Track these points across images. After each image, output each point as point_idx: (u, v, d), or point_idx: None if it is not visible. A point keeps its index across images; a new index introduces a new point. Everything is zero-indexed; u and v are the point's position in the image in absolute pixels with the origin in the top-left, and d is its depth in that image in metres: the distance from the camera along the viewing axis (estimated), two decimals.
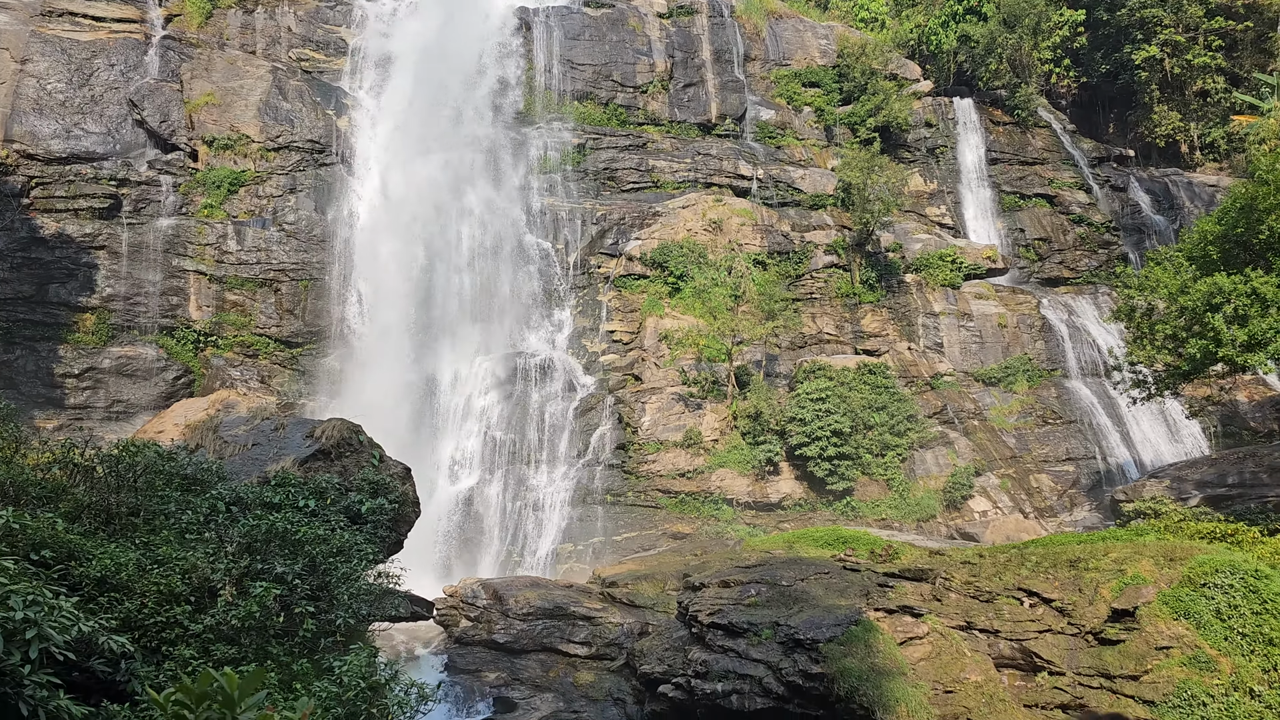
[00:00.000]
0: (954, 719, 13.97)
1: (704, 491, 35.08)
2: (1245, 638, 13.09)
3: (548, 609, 22.03)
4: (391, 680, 8.55)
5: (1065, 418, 37.70)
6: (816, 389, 35.14)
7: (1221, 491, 28.69)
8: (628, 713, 19.37)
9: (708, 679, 16.08)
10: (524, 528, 34.06)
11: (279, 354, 36.12)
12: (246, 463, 16.45)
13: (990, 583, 16.38)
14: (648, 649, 19.32)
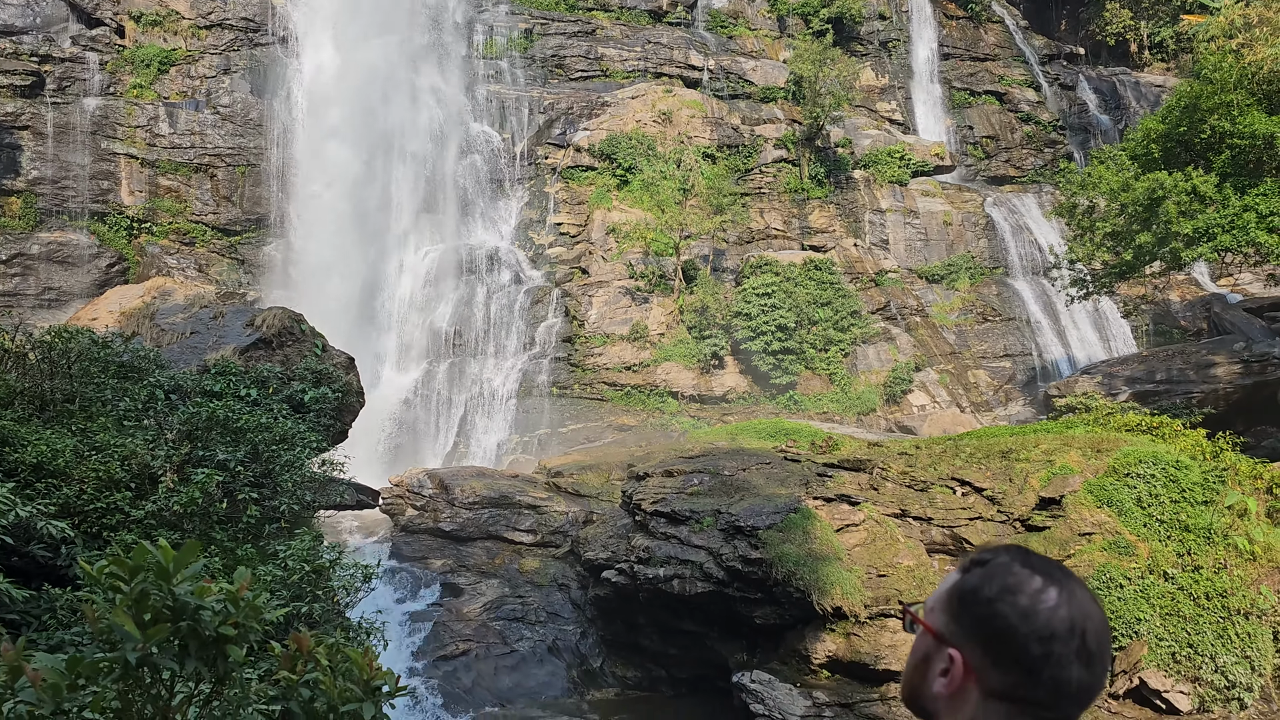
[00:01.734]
0: (886, 601, 14.52)
1: (649, 385, 35.40)
2: (1163, 524, 13.69)
3: (494, 498, 22.29)
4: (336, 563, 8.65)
5: (1004, 315, 38.38)
6: (763, 284, 35.31)
7: (1150, 387, 29.64)
8: (572, 598, 19.84)
9: (650, 565, 16.48)
10: (470, 419, 34.20)
11: (217, 242, 35.29)
12: (185, 351, 16.21)
13: (925, 473, 16.87)
14: (592, 536, 19.70)
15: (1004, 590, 1.75)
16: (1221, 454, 15.10)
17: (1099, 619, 1.73)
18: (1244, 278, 36.87)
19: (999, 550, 1.82)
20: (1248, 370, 28.83)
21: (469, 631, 18.64)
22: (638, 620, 17.80)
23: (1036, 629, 1.71)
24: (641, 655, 18.19)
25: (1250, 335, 31.20)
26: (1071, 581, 1.76)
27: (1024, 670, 1.71)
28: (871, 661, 14.23)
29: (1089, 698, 1.72)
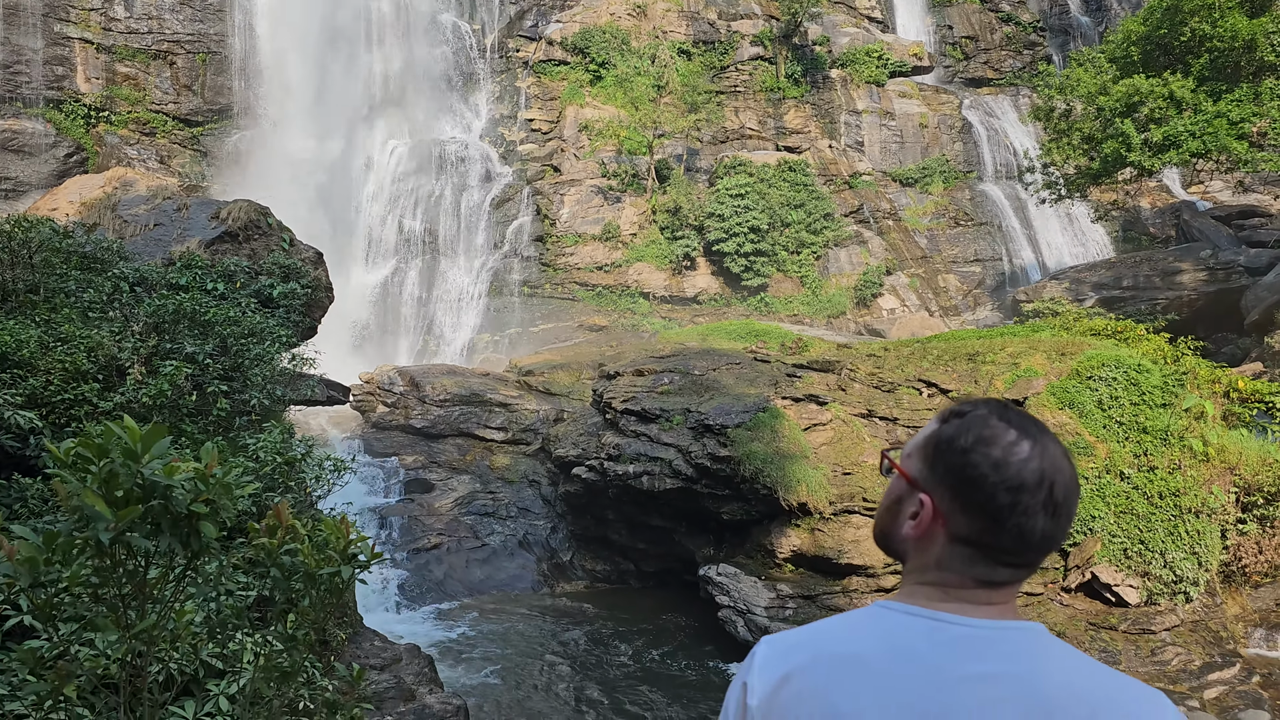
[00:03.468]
0: (850, 498, 14.84)
1: (621, 285, 35.31)
2: (1122, 426, 13.99)
3: (464, 396, 22.36)
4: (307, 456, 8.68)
5: (977, 220, 38.40)
6: (736, 185, 35.02)
7: (1116, 293, 29.94)
8: (542, 494, 20.12)
9: (620, 461, 16.70)
10: (440, 317, 34.07)
11: (178, 133, 34.38)
12: (149, 243, 15.91)
13: (893, 374, 17.07)
14: (563, 434, 19.88)
15: (979, 440, 1.79)
16: (1182, 359, 15.37)
17: (1068, 474, 1.79)
18: (1214, 185, 36.98)
19: (978, 403, 1.87)
20: (1212, 278, 29.15)
21: (440, 526, 18.90)
22: (607, 516, 18.12)
23: (1007, 479, 1.75)
24: (610, 549, 18.57)
25: (1217, 243, 31.45)
26: (1045, 437, 1.80)
27: (990, 517, 1.77)
28: (835, 556, 14.60)
29: (1051, 547, 1.78)
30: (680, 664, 14.67)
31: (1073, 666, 1.75)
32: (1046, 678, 1.71)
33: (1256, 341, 23.11)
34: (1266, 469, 13.25)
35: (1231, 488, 13.30)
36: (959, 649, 1.75)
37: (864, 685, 1.75)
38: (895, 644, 1.78)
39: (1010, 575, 1.81)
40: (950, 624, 1.78)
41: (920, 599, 1.84)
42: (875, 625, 1.83)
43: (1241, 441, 13.81)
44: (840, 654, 1.81)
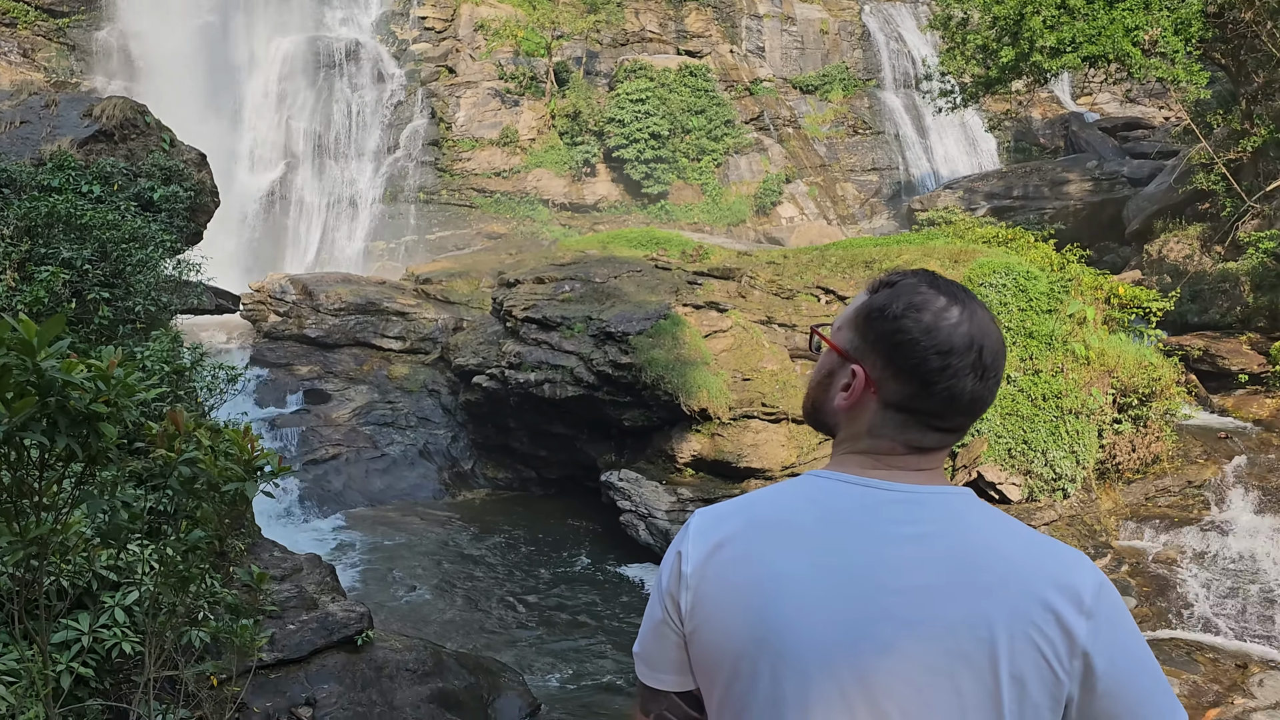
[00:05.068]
0: (749, 403, 15.10)
1: (520, 191, 34.72)
2: (1010, 331, 14.47)
3: (360, 304, 21.85)
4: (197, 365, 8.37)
5: (875, 129, 38.70)
6: (637, 90, 34.50)
7: (1007, 203, 30.74)
8: (443, 403, 19.95)
9: (521, 370, 16.62)
10: (333, 224, 33.05)
11: (42, 24, 32.05)
12: (15, 142, 14.89)
13: (792, 281, 17.27)
14: (462, 343, 19.67)
15: (910, 307, 1.82)
16: (1068, 266, 15.91)
17: (996, 337, 1.83)
18: (1102, 97, 37.95)
19: (907, 273, 1.89)
20: (1097, 188, 30.12)
21: (338, 436, 18.62)
22: (508, 424, 18.09)
23: (937, 343, 1.79)
24: (512, 457, 18.61)
25: (1102, 154, 32.43)
26: (974, 303, 1.84)
27: (921, 381, 1.80)
28: (734, 460, 14.90)
29: (979, 409, 1.84)
30: (583, 567, 14.91)
31: (997, 528, 1.79)
32: (972, 538, 1.75)
33: (1136, 250, 24.07)
34: (1142, 371, 13.92)
35: (1109, 389, 13.95)
36: (889, 512, 1.78)
37: (797, 548, 1.77)
38: (828, 508, 1.81)
39: (939, 440, 1.85)
40: (881, 489, 1.81)
41: (852, 467, 1.87)
42: (808, 492, 1.86)
43: (1120, 345, 14.45)
44: (773, 519, 1.84)
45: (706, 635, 1.81)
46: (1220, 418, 15.42)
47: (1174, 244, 21.90)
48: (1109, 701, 1.71)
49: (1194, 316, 19.16)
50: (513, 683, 9.93)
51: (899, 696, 1.68)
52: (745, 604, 1.77)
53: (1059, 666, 1.68)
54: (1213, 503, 12.84)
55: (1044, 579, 1.71)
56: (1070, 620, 1.68)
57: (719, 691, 1.82)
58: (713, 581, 1.82)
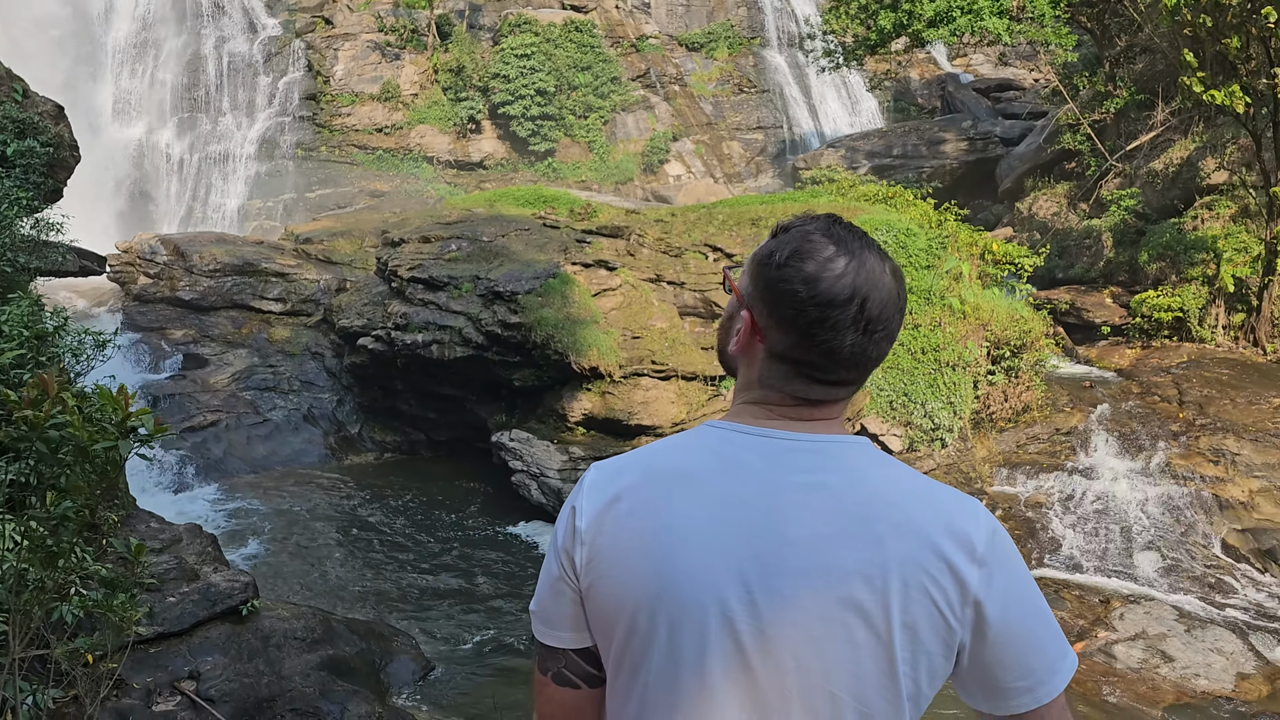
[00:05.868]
0: (639, 361, 15.17)
1: (403, 148, 33.90)
2: None
3: (237, 265, 21.08)
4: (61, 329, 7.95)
5: (759, 87, 38.97)
6: (521, 45, 33.94)
7: (887, 161, 31.44)
8: (327, 366, 19.46)
9: (408, 330, 16.32)
10: (206, 182, 31.72)
11: None
12: None
13: (680, 239, 17.35)
14: (346, 304, 19.19)
15: (794, 254, 1.78)
16: (945, 223, 16.37)
17: (886, 291, 1.77)
18: (976, 59, 39.00)
19: (809, 218, 1.86)
20: (972, 147, 31.05)
21: (217, 402, 18.00)
22: (396, 386, 17.78)
23: (816, 294, 1.74)
24: (400, 420, 18.31)
25: (977, 114, 33.39)
26: (868, 253, 1.79)
27: (800, 333, 1.77)
28: (625, 418, 14.97)
29: (864, 364, 1.80)
30: (475, 528, 14.83)
31: (893, 477, 1.78)
32: (867, 487, 1.75)
33: (1008, 208, 24.94)
34: (1014, 324, 14.49)
35: (984, 342, 14.48)
36: (786, 461, 1.77)
37: (694, 498, 1.76)
38: (724, 459, 1.79)
39: (825, 393, 1.82)
40: (777, 438, 1.79)
41: (747, 417, 1.84)
42: (705, 442, 1.84)
43: (993, 300, 14.99)
44: (670, 471, 1.81)
45: (603, 590, 1.79)
46: (1085, 367, 16.20)
47: (1043, 202, 22.77)
48: (1000, 648, 1.72)
49: (1061, 271, 20.01)
50: (405, 646, 9.85)
51: (795, 646, 1.68)
52: (641, 557, 1.75)
53: (951, 614, 1.69)
54: (1078, 448, 13.50)
55: (937, 527, 1.71)
56: (962, 568, 1.69)
57: (616, 646, 1.81)
58: (608, 536, 1.79)
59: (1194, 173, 19.02)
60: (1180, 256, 17.45)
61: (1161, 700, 8.93)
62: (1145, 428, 13.53)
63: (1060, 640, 1.79)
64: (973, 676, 1.76)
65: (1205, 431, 13.26)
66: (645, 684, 1.77)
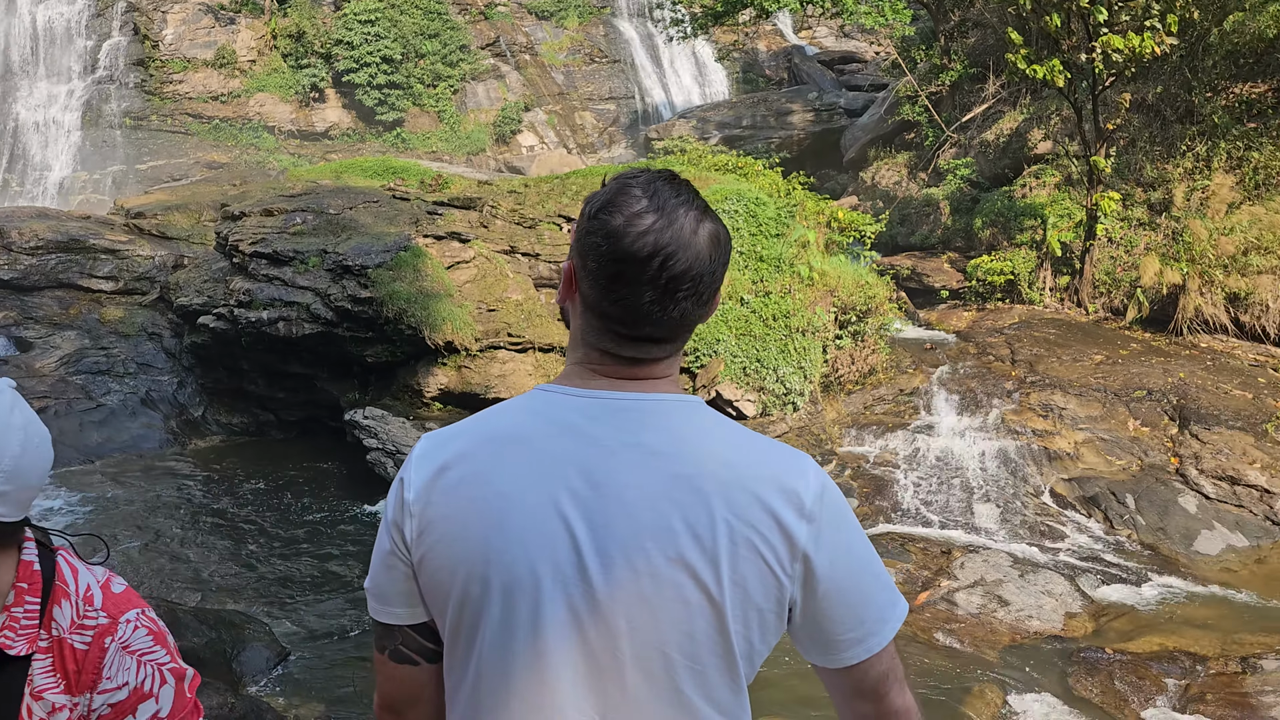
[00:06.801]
0: (495, 334, 15.03)
1: (242, 118, 32.47)
2: (742, 255, 15.15)
3: (62, 242, 19.79)
4: None
5: (611, 57, 38.93)
6: (365, 10, 32.88)
7: (737, 132, 31.93)
8: (165, 347, 18.55)
9: (252, 308, 15.70)
10: (24, 154, 29.65)
11: None
12: None
13: (534, 210, 17.23)
14: (185, 281, 18.32)
15: (605, 207, 1.75)
16: (793, 192, 16.77)
17: (696, 251, 1.73)
18: (820, 31, 39.92)
19: (640, 171, 1.84)
20: (818, 118, 31.83)
21: (44, 388, 16.93)
22: (241, 366, 17.10)
23: (616, 248, 1.72)
24: (247, 401, 17.64)
25: (822, 86, 34.24)
26: (683, 210, 1.74)
27: (601, 288, 1.76)
28: (482, 391, 14.84)
29: (671, 323, 1.77)
30: (331, 509, 14.46)
31: (722, 435, 1.78)
32: (696, 445, 1.74)
33: (853, 177, 25.73)
34: (859, 290, 15.00)
35: (831, 308, 14.94)
36: (614, 421, 1.75)
37: (524, 462, 1.73)
38: (553, 421, 1.77)
39: (638, 350, 1.79)
40: (605, 399, 1.77)
41: (574, 379, 1.83)
42: (533, 405, 1.82)
43: (840, 266, 15.47)
44: (498, 436, 1.79)
45: (434, 562, 1.76)
46: (926, 330, 16.93)
47: (885, 171, 23.58)
48: (830, 602, 1.74)
49: (903, 238, 20.82)
50: (259, 634, 9.56)
51: (627, 608, 1.67)
52: (472, 526, 1.72)
53: (780, 570, 1.70)
54: (921, 408, 14.12)
55: (766, 484, 1.71)
56: (791, 524, 1.70)
57: (451, 618, 1.78)
58: (438, 506, 1.75)
59: (1022, 143, 20.04)
60: (1011, 223, 18.40)
61: (999, 642, 9.48)
62: (982, 386, 14.25)
63: (889, 591, 1.83)
64: (805, 631, 1.79)
65: (1035, 388, 14.07)
66: (479, 654, 1.75)
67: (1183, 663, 8.97)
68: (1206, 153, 16.62)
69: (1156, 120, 17.67)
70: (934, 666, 9.14)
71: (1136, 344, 15.45)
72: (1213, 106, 16.73)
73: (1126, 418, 13.51)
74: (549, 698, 1.70)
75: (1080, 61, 15.96)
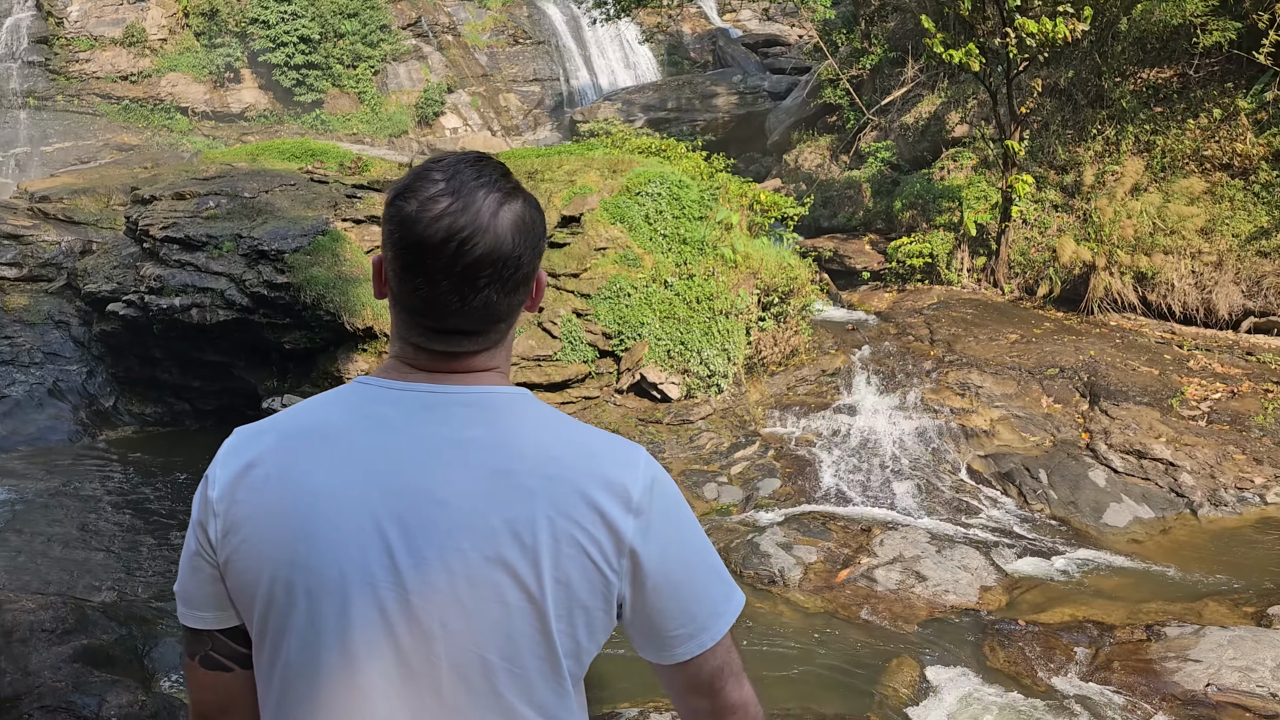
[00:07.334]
0: None
1: (153, 98, 31.49)
2: (665, 238, 15.16)
3: None
4: None
5: (535, 38, 38.57)
6: None
7: (663, 115, 31.90)
8: (73, 335, 17.95)
9: (164, 294, 15.25)
10: None
11: None
12: None
13: None
14: (93, 267, 17.76)
15: (402, 191, 1.68)
16: (716, 175, 16.82)
17: (495, 238, 1.64)
18: (744, 14, 40.03)
19: (450, 154, 1.76)
20: (743, 101, 31.96)
21: None
22: (154, 354, 16.63)
23: (409, 234, 1.64)
24: (161, 390, 17.17)
25: (746, 69, 34.37)
26: (483, 193, 1.66)
27: (398, 277, 1.70)
28: None
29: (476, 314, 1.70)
30: None
31: (549, 428, 1.71)
32: (520, 439, 1.67)
33: (777, 160, 25.90)
34: (782, 272, 15.11)
35: (754, 290, 15.03)
36: (432, 416, 1.68)
37: (333, 459, 1.66)
38: (369, 416, 1.69)
39: (449, 344, 1.72)
40: (425, 392, 1.70)
41: (392, 372, 1.76)
42: (349, 400, 1.75)
43: (763, 249, 15.56)
44: (308, 430, 1.71)
45: (240, 563, 1.68)
46: (848, 311, 17.15)
47: (808, 154, 23.78)
48: (660, 597, 1.69)
49: (825, 220, 21.04)
50: (173, 628, 9.32)
51: (441, 611, 1.61)
52: (279, 525, 1.65)
53: (606, 566, 1.65)
54: (843, 388, 14.31)
55: (591, 478, 1.65)
56: (617, 519, 1.64)
57: (257, 622, 1.70)
58: (244, 505, 1.68)
59: (940, 126, 20.36)
60: (930, 205, 18.70)
61: (916, 617, 9.67)
62: (901, 366, 14.49)
63: (724, 584, 1.78)
64: (636, 627, 1.74)
65: (953, 367, 14.35)
66: (286, 660, 1.67)
67: (1091, 632, 9.24)
68: (1116, 136, 17.07)
69: (1068, 104, 18.10)
70: (854, 642, 9.30)
71: (1050, 323, 15.85)
72: (1121, 91, 17.18)
73: (1040, 395, 13.85)
74: (359, 705, 1.62)
75: (995, 46, 16.25)
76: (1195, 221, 15.54)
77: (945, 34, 16.39)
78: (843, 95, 23.08)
